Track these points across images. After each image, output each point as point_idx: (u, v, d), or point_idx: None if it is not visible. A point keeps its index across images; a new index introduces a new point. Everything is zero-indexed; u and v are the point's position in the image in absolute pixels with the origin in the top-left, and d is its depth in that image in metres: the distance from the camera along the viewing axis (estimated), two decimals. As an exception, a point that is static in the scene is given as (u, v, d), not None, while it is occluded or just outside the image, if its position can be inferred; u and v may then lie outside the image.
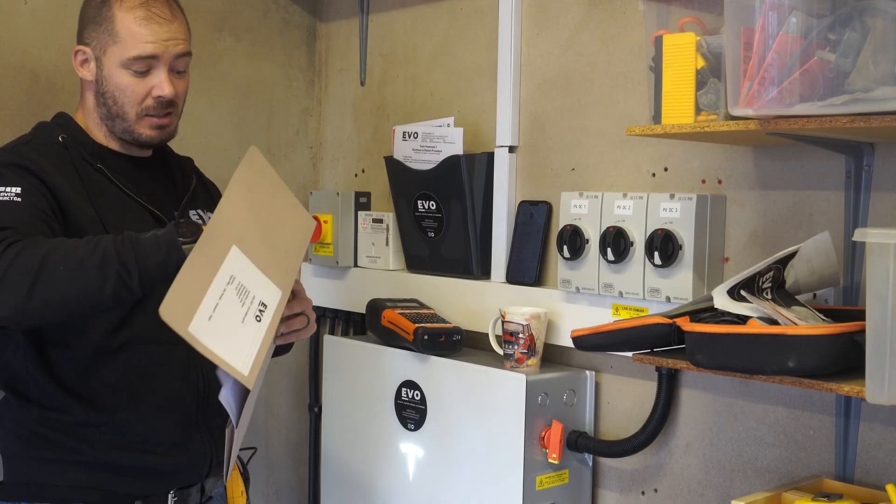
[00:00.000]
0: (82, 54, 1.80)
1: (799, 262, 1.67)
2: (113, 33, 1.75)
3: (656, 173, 2.02)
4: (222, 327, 1.41)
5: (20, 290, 1.51)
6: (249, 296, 1.49)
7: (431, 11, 2.49)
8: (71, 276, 1.52)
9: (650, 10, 1.74)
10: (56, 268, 1.51)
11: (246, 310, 1.48)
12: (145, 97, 1.77)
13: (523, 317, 2.05)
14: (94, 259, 1.52)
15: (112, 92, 1.77)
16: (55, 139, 1.78)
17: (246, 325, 1.47)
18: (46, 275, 1.51)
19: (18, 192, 1.63)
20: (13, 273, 1.51)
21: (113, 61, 1.76)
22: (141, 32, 1.74)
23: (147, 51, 1.74)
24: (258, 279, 1.52)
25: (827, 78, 1.41)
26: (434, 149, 2.31)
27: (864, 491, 1.68)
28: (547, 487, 2.04)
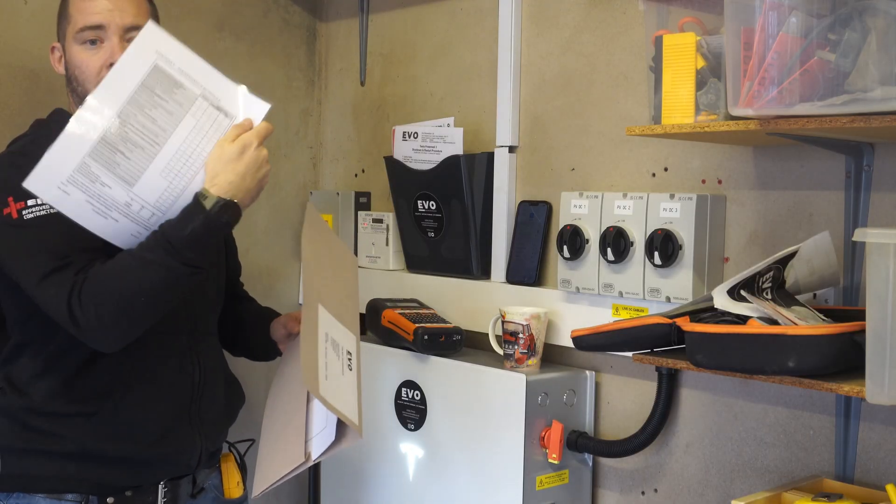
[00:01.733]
0: (57, 50, 1.81)
1: (799, 262, 1.67)
2: (66, 16, 1.77)
3: (656, 173, 2.02)
4: (334, 383, 1.53)
5: (122, 330, 1.62)
6: (340, 348, 1.61)
7: (431, 11, 2.49)
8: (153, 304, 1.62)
9: (650, 10, 1.74)
10: (138, 301, 1.61)
11: (341, 362, 1.60)
12: (101, 69, 1.73)
13: (523, 317, 2.05)
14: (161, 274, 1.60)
15: (73, 72, 1.77)
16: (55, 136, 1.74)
17: (344, 375, 1.60)
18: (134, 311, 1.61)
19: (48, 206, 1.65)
20: (107, 322, 1.60)
21: (69, 42, 1.76)
22: (86, 5, 1.75)
23: (93, 21, 1.74)
24: (340, 330, 1.65)
25: (827, 78, 1.41)
26: (434, 149, 2.31)
27: (864, 491, 1.68)
28: (547, 487, 2.04)
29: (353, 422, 1.54)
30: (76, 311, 1.60)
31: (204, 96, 1.63)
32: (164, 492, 1.81)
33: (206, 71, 1.63)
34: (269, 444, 1.73)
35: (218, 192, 1.61)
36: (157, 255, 1.60)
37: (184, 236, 1.59)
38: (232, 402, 1.95)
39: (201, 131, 1.62)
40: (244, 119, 1.66)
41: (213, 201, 1.60)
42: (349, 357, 1.65)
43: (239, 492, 1.96)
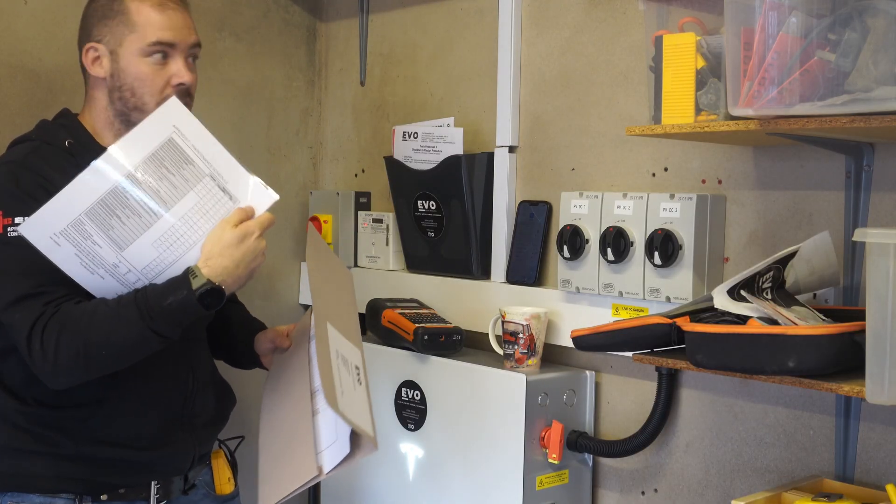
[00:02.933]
0: (94, 51, 1.77)
1: (799, 262, 1.67)
2: (129, 24, 1.74)
3: (656, 173, 2.02)
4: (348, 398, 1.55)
5: (74, 373, 1.62)
6: (349, 363, 1.64)
7: (431, 11, 2.49)
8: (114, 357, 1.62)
9: (650, 10, 1.74)
10: (100, 351, 1.60)
11: (352, 377, 1.62)
12: (164, 86, 1.75)
13: (523, 317, 2.05)
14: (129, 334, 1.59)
15: (130, 84, 1.75)
16: (61, 144, 1.76)
17: (356, 390, 1.62)
18: (93, 359, 1.60)
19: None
20: (62, 361, 1.59)
21: (130, 51, 1.74)
22: (159, 19, 1.74)
23: (166, 37, 1.74)
24: (347, 345, 1.67)
25: (827, 78, 1.41)
26: (434, 149, 2.31)
27: (864, 491, 1.68)
28: (547, 487, 2.04)
29: (369, 434, 1.56)
30: (34, 342, 1.59)
31: (212, 176, 1.64)
32: (156, 488, 1.81)
33: (218, 153, 1.65)
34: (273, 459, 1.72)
35: (209, 274, 1.60)
36: (131, 314, 1.59)
37: (161, 306, 1.59)
38: (224, 406, 1.96)
39: (202, 210, 1.63)
40: (248, 206, 1.66)
41: (202, 282, 1.59)
42: (357, 371, 1.68)
43: (230, 487, 1.96)
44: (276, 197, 1.68)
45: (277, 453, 1.71)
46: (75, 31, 2.34)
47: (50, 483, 1.75)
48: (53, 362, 1.60)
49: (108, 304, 1.62)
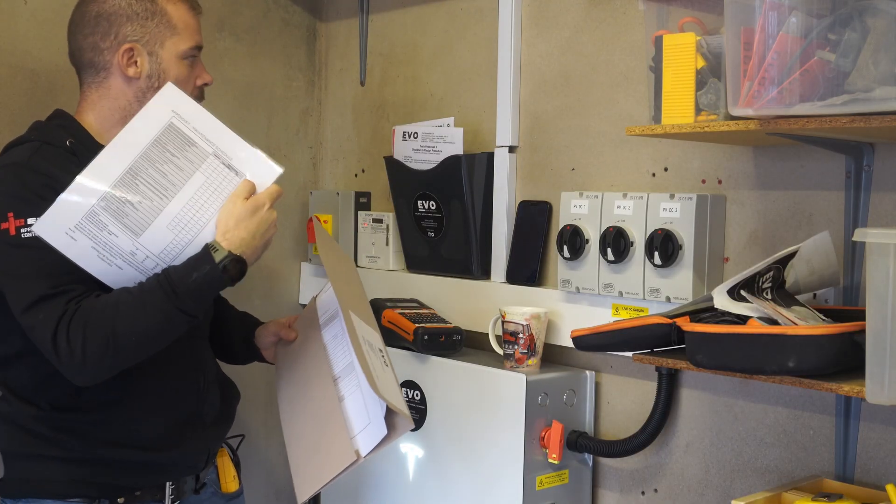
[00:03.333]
0: (130, 52, 1.77)
1: (799, 262, 1.67)
2: (170, 26, 1.78)
3: (656, 173, 2.02)
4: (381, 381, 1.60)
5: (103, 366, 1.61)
6: (374, 347, 1.70)
7: (431, 11, 2.49)
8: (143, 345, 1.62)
9: (650, 10, 1.74)
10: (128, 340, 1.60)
11: (379, 360, 1.69)
12: (193, 88, 1.82)
13: (523, 317, 2.05)
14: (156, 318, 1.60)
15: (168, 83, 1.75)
16: (62, 143, 1.76)
17: (385, 372, 1.68)
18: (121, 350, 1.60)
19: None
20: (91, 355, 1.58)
21: (172, 53, 1.79)
22: (193, 23, 1.82)
23: (200, 40, 1.83)
24: (368, 330, 1.73)
25: (827, 78, 1.41)
26: (434, 149, 2.31)
27: (864, 491, 1.68)
28: (547, 487, 2.04)
29: (405, 412, 1.60)
30: (61, 341, 1.58)
31: (216, 155, 1.66)
32: (171, 489, 1.82)
33: (220, 131, 1.67)
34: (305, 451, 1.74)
35: (229, 247, 1.61)
36: (156, 297, 1.60)
37: (187, 284, 1.60)
38: (230, 404, 1.96)
39: (210, 188, 1.65)
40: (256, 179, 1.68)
41: (224, 255, 1.61)
42: (382, 354, 1.73)
43: (235, 486, 1.97)
44: (280, 170, 1.69)
45: (308, 445, 1.73)
46: (75, 31, 2.34)
47: (65, 487, 1.75)
48: (82, 357, 1.59)
49: (131, 291, 1.62)
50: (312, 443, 1.73)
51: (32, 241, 1.61)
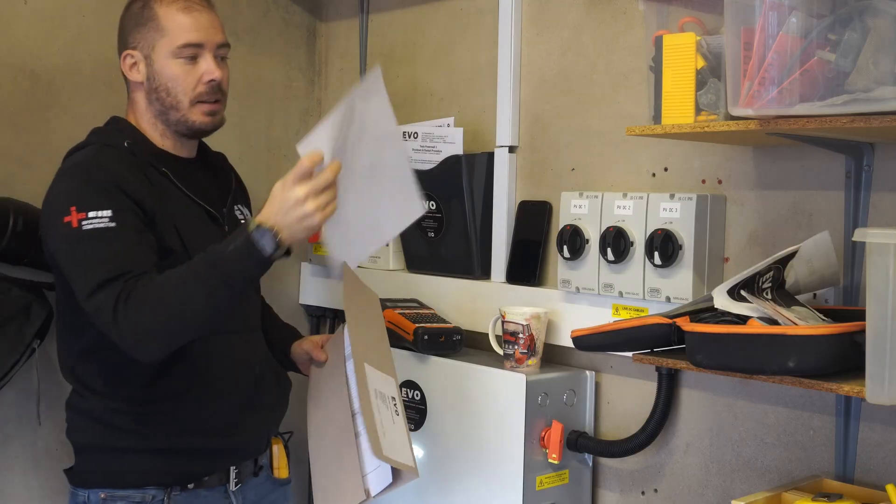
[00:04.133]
0: (130, 58, 1.87)
1: (799, 262, 1.67)
2: (159, 28, 1.84)
3: (656, 173, 2.02)
4: (389, 436, 1.68)
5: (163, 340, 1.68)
6: (386, 398, 1.76)
7: (431, 11, 2.49)
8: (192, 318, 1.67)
9: (650, 10, 1.74)
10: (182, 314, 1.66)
11: (390, 411, 1.75)
12: (196, 84, 1.86)
13: (523, 317, 2.05)
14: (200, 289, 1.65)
15: (165, 84, 1.85)
16: (121, 145, 1.84)
17: (395, 423, 1.74)
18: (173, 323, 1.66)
19: (110, 216, 1.71)
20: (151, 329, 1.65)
21: (162, 54, 1.85)
22: (185, 21, 1.85)
23: (193, 38, 1.85)
24: (383, 379, 1.79)
25: (827, 78, 1.41)
26: (434, 149, 2.31)
27: (864, 491, 1.68)
28: (547, 487, 2.04)
29: (410, 467, 1.69)
30: (120, 317, 1.64)
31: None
32: (234, 473, 1.91)
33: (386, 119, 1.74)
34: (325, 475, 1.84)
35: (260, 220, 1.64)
36: (199, 270, 1.66)
37: (225, 254, 1.64)
38: (284, 390, 2.05)
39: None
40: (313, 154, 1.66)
41: (255, 225, 1.63)
42: (394, 402, 1.79)
43: (286, 473, 2.06)
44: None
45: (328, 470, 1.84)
46: (75, 31, 2.35)
47: (141, 477, 1.83)
48: (140, 334, 1.65)
49: (181, 269, 1.68)
50: (332, 469, 1.83)
51: (94, 232, 1.69)
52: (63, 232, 1.72)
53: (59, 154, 2.30)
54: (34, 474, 2.30)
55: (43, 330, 2.15)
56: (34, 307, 2.12)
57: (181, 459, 1.84)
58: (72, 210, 1.71)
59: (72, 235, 1.71)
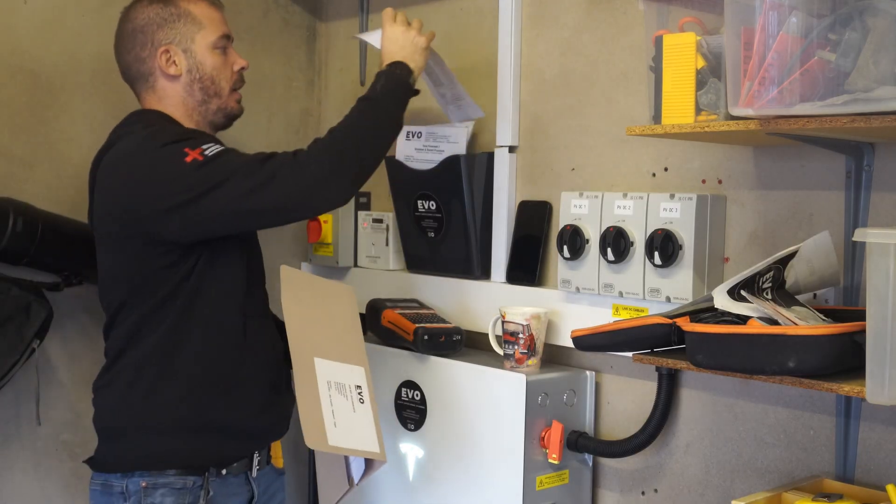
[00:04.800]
0: (167, 53, 1.96)
1: (799, 262, 1.67)
2: (196, 22, 1.98)
3: (656, 173, 2.02)
4: (345, 425, 1.74)
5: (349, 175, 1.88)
6: (345, 387, 1.81)
7: (431, 11, 2.48)
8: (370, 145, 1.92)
9: (650, 10, 1.74)
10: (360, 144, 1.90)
11: (350, 400, 1.80)
12: (232, 73, 2.02)
13: (523, 317, 2.05)
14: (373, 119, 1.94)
15: (209, 73, 1.98)
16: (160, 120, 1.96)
17: (356, 412, 1.79)
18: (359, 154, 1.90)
19: (220, 144, 1.87)
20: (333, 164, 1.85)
21: (203, 46, 1.98)
22: (216, 15, 2.02)
23: (226, 30, 2.02)
24: (343, 370, 1.84)
25: (827, 78, 1.41)
26: (437, 148, 2.31)
27: (864, 491, 1.68)
28: (547, 487, 2.04)
29: (371, 452, 1.77)
30: (302, 160, 1.82)
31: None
32: (257, 460, 1.99)
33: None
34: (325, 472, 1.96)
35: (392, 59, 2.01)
36: (364, 107, 1.93)
37: (376, 92, 1.95)
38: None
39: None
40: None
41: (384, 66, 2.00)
42: (359, 391, 1.84)
43: (282, 463, 2.12)
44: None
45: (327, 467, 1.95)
46: (75, 31, 2.35)
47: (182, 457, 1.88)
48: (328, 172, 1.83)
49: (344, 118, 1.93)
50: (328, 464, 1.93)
51: (219, 153, 1.83)
52: (192, 168, 1.79)
53: (59, 154, 2.32)
54: (34, 474, 2.30)
55: (43, 330, 2.15)
56: (34, 307, 2.12)
57: (221, 438, 1.90)
58: (186, 150, 1.81)
59: (205, 164, 1.80)
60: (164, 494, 1.85)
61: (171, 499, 1.86)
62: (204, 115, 2.00)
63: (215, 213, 1.81)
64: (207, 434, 1.89)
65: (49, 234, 2.14)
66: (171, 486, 1.86)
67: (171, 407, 1.87)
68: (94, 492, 1.91)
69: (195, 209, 1.80)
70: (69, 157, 2.32)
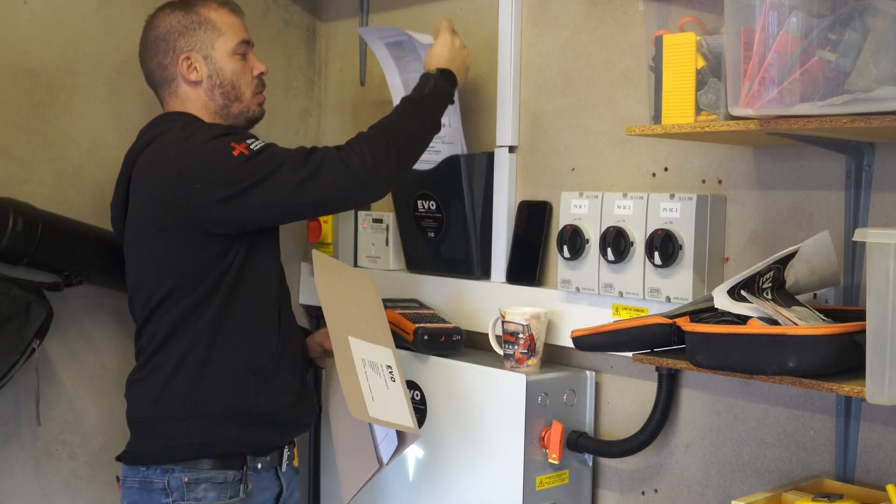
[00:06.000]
0: (188, 60, 2.02)
1: (799, 262, 1.67)
2: (216, 29, 2.03)
3: (656, 173, 2.02)
4: (381, 400, 1.80)
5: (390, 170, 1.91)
6: (378, 366, 1.88)
7: (431, 11, 2.48)
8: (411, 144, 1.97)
9: (650, 10, 1.74)
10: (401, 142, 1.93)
11: (384, 378, 1.87)
12: (252, 78, 2.08)
13: (523, 317, 2.05)
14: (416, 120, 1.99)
15: (230, 79, 2.04)
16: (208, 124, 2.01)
17: (390, 389, 1.86)
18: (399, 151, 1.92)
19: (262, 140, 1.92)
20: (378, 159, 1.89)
21: (223, 52, 2.03)
22: (236, 22, 2.07)
23: (245, 36, 2.07)
24: (374, 349, 1.91)
25: (827, 78, 1.41)
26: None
27: (864, 491, 1.68)
28: (547, 487, 2.04)
29: (407, 426, 1.83)
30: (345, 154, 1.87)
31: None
32: (287, 455, 2.05)
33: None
34: (346, 458, 2.02)
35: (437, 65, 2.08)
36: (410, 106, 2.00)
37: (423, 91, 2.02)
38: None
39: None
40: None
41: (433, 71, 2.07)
42: (390, 370, 1.90)
43: (297, 461, 2.15)
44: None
45: (349, 453, 2.00)
46: (75, 31, 2.35)
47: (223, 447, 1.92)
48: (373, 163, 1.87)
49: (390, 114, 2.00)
50: (351, 451, 1.97)
51: (265, 146, 1.89)
52: (239, 161, 1.85)
53: (59, 154, 2.32)
54: (34, 474, 2.30)
55: (43, 330, 2.14)
56: (34, 307, 2.12)
57: (259, 426, 1.94)
58: (233, 144, 1.86)
59: (251, 157, 1.86)
60: (206, 489, 1.89)
61: (213, 493, 1.89)
62: (226, 118, 2.04)
63: (263, 204, 1.87)
64: (246, 422, 1.93)
65: (49, 234, 2.14)
66: (213, 481, 1.89)
67: (215, 395, 1.91)
68: (130, 490, 1.93)
69: (244, 200, 1.86)
70: (69, 157, 2.32)
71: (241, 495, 1.92)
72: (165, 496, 1.88)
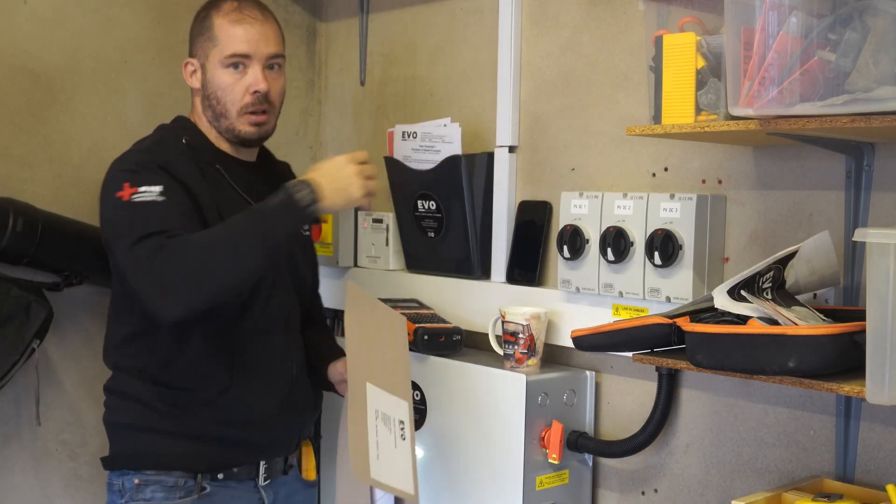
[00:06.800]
0: (191, 66, 1.98)
1: (799, 262, 1.67)
2: (213, 38, 1.93)
3: (656, 173, 2.02)
4: (386, 460, 1.72)
5: (192, 295, 1.72)
6: (391, 420, 1.79)
7: (431, 11, 2.49)
8: (226, 270, 1.74)
9: (650, 10, 1.74)
10: (216, 264, 1.73)
11: (393, 435, 1.78)
12: (244, 94, 1.93)
13: (523, 317, 2.05)
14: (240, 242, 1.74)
15: (215, 92, 1.93)
16: (179, 140, 1.92)
17: (398, 447, 1.78)
18: (210, 273, 1.72)
19: (161, 191, 1.79)
20: (182, 279, 1.71)
21: (213, 63, 1.93)
22: (235, 33, 1.92)
23: (240, 49, 1.92)
24: (390, 400, 1.82)
25: (827, 78, 1.41)
26: (433, 148, 2.31)
27: (864, 491, 1.68)
28: (547, 487, 2.04)
29: (407, 494, 1.75)
30: (153, 265, 1.70)
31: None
32: (264, 468, 1.97)
33: None
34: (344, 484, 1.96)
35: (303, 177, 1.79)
36: (241, 222, 1.76)
37: (266, 207, 1.77)
38: (318, 394, 2.12)
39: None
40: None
41: (297, 184, 1.77)
42: (401, 426, 1.82)
43: (314, 475, 2.12)
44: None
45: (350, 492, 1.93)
46: (75, 31, 2.35)
47: (173, 460, 1.89)
48: (170, 282, 1.71)
49: (220, 224, 1.80)
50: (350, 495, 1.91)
51: (141, 203, 1.77)
52: (113, 205, 1.79)
53: (59, 154, 2.32)
54: (34, 474, 2.30)
55: (43, 330, 2.15)
56: (34, 307, 2.13)
57: (214, 448, 1.90)
58: (125, 186, 1.79)
59: (121, 206, 1.78)
60: (154, 490, 1.89)
61: (161, 494, 1.89)
62: (219, 131, 1.97)
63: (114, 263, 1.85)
64: (202, 441, 1.90)
65: (49, 234, 2.14)
66: (163, 483, 1.89)
67: (166, 412, 1.89)
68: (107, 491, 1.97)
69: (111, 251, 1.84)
70: (69, 157, 2.32)
71: (194, 495, 1.89)
72: (120, 497, 1.91)
